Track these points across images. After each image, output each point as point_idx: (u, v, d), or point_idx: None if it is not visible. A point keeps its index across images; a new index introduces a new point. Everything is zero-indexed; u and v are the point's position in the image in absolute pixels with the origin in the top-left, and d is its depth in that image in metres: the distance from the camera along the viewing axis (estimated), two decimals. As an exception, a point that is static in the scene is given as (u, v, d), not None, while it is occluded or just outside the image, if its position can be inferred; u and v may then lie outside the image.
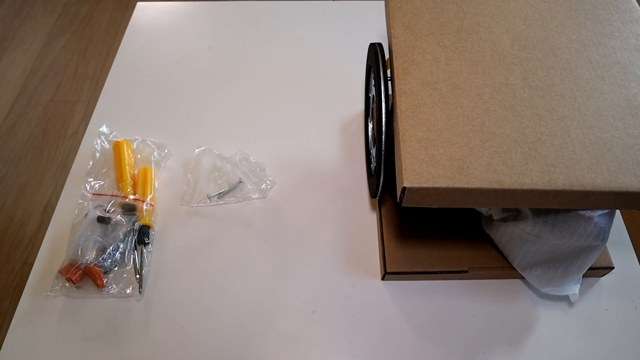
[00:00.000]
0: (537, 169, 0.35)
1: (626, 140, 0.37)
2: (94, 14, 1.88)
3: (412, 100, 0.39)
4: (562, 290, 0.47)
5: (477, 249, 0.50)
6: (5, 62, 1.71)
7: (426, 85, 0.40)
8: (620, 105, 0.39)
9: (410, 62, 0.42)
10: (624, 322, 0.48)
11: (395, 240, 0.50)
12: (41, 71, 1.68)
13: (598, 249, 0.43)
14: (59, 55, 1.73)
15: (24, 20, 1.85)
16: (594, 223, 0.40)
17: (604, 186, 0.35)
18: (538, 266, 0.47)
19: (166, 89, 0.69)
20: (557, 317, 0.48)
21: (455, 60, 0.42)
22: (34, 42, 1.77)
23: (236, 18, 0.79)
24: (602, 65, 0.42)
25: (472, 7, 0.46)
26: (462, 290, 0.50)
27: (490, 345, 0.47)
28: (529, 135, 0.37)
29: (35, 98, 1.61)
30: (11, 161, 1.45)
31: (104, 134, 0.62)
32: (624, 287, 0.50)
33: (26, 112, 1.57)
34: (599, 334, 0.47)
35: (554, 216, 0.41)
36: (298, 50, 0.74)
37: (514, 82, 0.40)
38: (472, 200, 0.36)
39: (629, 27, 0.45)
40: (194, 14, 0.80)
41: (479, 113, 0.38)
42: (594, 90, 0.40)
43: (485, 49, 0.43)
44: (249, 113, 0.66)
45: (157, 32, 0.77)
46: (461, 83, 0.40)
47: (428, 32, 0.44)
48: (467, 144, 0.37)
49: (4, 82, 1.65)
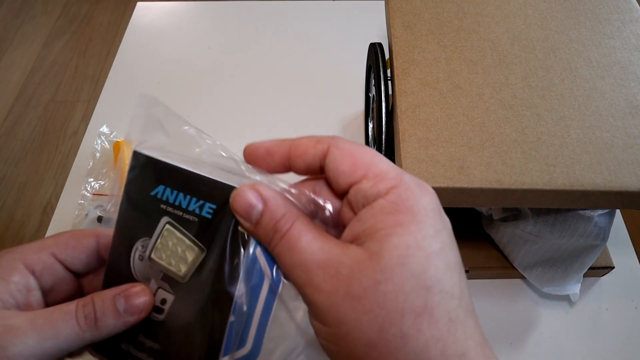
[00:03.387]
0: (537, 168, 0.35)
1: (626, 140, 0.37)
2: (94, 14, 1.88)
3: (412, 100, 0.39)
4: (562, 290, 0.47)
5: (477, 248, 0.50)
6: (5, 62, 1.71)
7: (426, 85, 0.40)
8: (620, 105, 0.39)
9: (410, 62, 0.42)
10: (624, 322, 0.48)
11: (396, 240, 0.50)
12: (41, 71, 1.68)
13: (598, 248, 0.43)
14: (59, 55, 1.74)
15: (24, 20, 1.85)
16: (594, 223, 0.40)
17: (604, 186, 0.35)
18: (539, 266, 0.47)
19: (166, 89, 0.69)
20: (558, 316, 0.48)
21: (455, 60, 0.42)
22: (34, 42, 1.77)
23: (236, 18, 0.79)
24: (602, 65, 0.42)
25: (472, 7, 0.46)
26: (462, 290, 0.50)
27: (490, 345, 0.47)
28: (529, 135, 0.37)
29: (35, 98, 1.61)
30: (11, 161, 1.46)
31: (104, 134, 0.62)
32: (624, 286, 0.50)
33: (26, 112, 1.57)
34: (599, 334, 0.47)
35: (554, 216, 0.41)
36: (298, 50, 0.74)
37: (514, 81, 0.40)
38: (472, 200, 0.36)
39: (629, 26, 0.45)
40: (194, 14, 0.80)
41: (479, 113, 0.38)
42: (593, 90, 0.40)
43: (485, 49, 0.43)
44: (249, 113, 0.66)
45: (157, 32, 0.77)
46: (461, 83, 0.40)
47: (428, 32, 0.44)
48: (467, 144, 0.37)
49: (4, 82, 1.65)
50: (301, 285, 0.23)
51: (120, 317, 0.26)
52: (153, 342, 0.29)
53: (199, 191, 0.27)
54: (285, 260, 0.23)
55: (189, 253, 0.28)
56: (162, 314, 0.28)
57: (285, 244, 0.23)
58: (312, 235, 0.23)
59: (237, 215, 0.25)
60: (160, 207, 0.28)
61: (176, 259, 0.28)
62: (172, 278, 0.28)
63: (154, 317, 0.29)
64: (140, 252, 0.29)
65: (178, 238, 0.28)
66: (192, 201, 0.28)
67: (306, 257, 0.23)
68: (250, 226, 0.25)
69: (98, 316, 0.26)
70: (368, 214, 0.23)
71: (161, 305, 0.28)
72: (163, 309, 0.28)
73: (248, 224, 0.25)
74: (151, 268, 0.28)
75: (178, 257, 0.28)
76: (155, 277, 0.28)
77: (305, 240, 0.23)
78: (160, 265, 0.28)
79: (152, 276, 0.28)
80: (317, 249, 0.23)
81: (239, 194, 0.25)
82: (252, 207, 0.24)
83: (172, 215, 0.28)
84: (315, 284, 0.22)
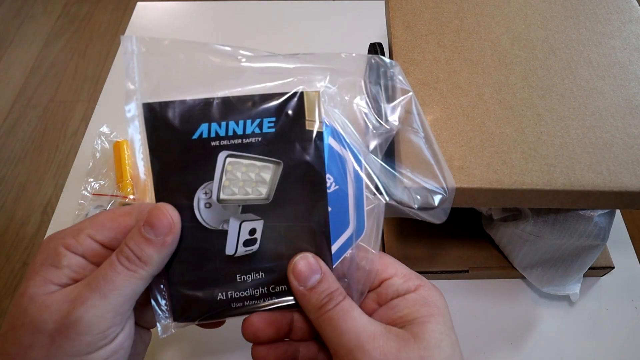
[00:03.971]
0: (537, 168, 0.35)
1: (626, 140, 0.37)
2: (94, 14, 1.88)
3: (412, 100, 0.39)
4: (563, 290, 0.47)
5: (477, 248, 0.50)
6: (5, 62, 1.71)
7: (426, 85, 0.40)
8: (620, 105, 0.39)
9: (410, 62, 0.42)
10: (624, 322, 0.48)
11: (395, 240, 0.50)
12: (41, 71, 1.68)
13: (598, 248, 0.43)
14: (59, 55, 1.74)
15: (24, 20, 1.85)
16: (594, 223, 0.40)
17: (604, 186, 0.35)
18: (539, 266, 0.47)
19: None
20: (558, 316, 0.48)
21: (455, 60, 0.42)
22: (34, 42, 1.77)
23: (236, 18, 0.79)
24: (602, 65, 0.42)
25: (472, 7, 0.46)
26: (462, 290, 0.50)
27: (490, 345, 0.47)
28: (529, 135, 0.37)
29: (35, 98, 1.61)
30: (11, 161, 1.46)
31: (104, 134, 0.62)
32: (624, 286, 0.50)
33: (26, 112, 1.57)
34: (599, 334, 0.47)
35: (554, 216, 0.41)
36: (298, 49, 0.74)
37: (514, 81, 0.40)
38: (472, 200, 0.36)
39: (629, 26, 0.45)
40: (194, 14, 0.80)
41: (479, 113, 0.38)
42: (593, 90, 0.40)
43: (485, 49, 0.43)
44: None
45: (157, 32, 0.77)
46: (461, 83, 0.40)
47: (428, 32, 0.44)
48: (467, 144, 0.37)
49: (4, 82, 1.65)
50: (350, 349, 0.26)
51: (155, 242, 0.26)
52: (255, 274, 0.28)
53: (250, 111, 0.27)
54: (337, 325, 0.27)
55: (264, 173, 0.27)
56: (255, 244, 0.28)
57: (339, 311, 0.27)
58: (360, 311, 0.28)
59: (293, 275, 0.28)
60: (211, 144, 0.27)
61: (252, 185, 0.27)
62: (254, 205, 0.27)
63: (248, 251, 0.28)
64: (204, 200, 0.27)
65: (246, 165, 0.27)
66: (247, 123, 0.27)
67: (357, 325, 0.27)
68: (303, 289, 0.28)
69: (136, 253, 0.26)
70: (402, 304, 0.29)
71: (251, 235, 0.28)
72: (255, 239, 0.28)
73: (301, 288, 0.28)
74: (225, 208, 0.27)
75: (254, 182, 0.27)
76: (234, 214, 0.27)
77: (357, 312, 0.27)
78: (235, 200, 0.27)
79: (229, 215, 0.27)
80: (367, 321, 0.27)
81: (304, 258, 0.28)
82: (313, 273, 0.28)
83: (229, 147, 0.27)
84: (366, 350, 0.26)
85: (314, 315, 0.28)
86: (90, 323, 0.24)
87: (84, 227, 0.27)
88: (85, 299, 0.25)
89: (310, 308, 0.28)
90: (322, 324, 0.28)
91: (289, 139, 0.27)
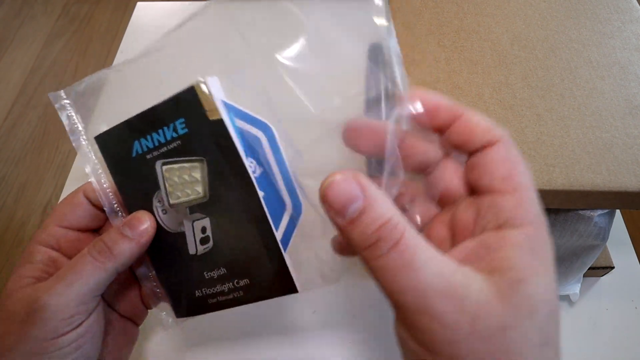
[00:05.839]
0: (537, 168, 0.35)
1: (626, 140, 0.37)
2: (94, 14, 1.88)
3: (412, 100, 0.39)
4: (562, 290, 0.47)
5: (477, 248, 0.50)
6: (5, 62, 1.71)
7: (426, 85, 0.40)
8: (620, 105, 0.39)
9: (410, 62, 0.42)
10: (624, 322, 0.48)
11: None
12: (41, 71, 1.68)
13: (598, 248, 0.43)
14: (59, 55, 1.74)
15: (24, 20, 1.85)
16: (594, 223, 0.40)
17: (604, 186, 0.35)
18: (538, 266, 0.47)
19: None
20: (557, 316, 0.48)
21: (455, 60, 0.42)
22: (34, 42, 1.77)
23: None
24: (602, 65, 0.42)
25: (472, 7, 0.46)
26: (462, 290, 0.50)
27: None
28: (528, 135, 0.37)
29: (35, 98, 1.61)
30: (11, 161, 1.46)
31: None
32: (624, 286, 0.50)
33: (26, 112, 1.57)
34: (599, 334, 0.47)
35: (554, 216, 0.41)
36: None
37: (513, 81, 0.40)
38: (472, 200, 0.36)
39: (629, 27, 0.45)
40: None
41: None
42: (593, 90, 0.40)
43: (485, 49, 0.43)
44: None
45: (157, 32, 0.77)
46: (461, 83, 0.40)
47: (428, 32, 0.44)
48: (467, 144, 0.37)
49: (4, 82, 1.65)
50: (414, 312, 0.20)
51: (130, 239, 0.29)
52: (218, 270, 0.30)
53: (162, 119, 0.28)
54: (394, 278, 0.20)
55: (194, 172, 0.28)
56: (209, 242, 0.29)
57: (396, 259, 0.19)
58: (430, 254, 0.20)
59: (327, 205, 0.20)
60: (147, 158, 0.29)
61: (189, 186, 0.29)
62: (198, 204, 0.29)
63: (206, 249, 0.29)
64: (160, 207, 0.30)
65: (178, 169, 0.28)
66: (165, 130, 0.28)
67: (425, 281, 0.19)
68: (342, 222, 0.20)
69: (109, 245, 0.28)
70: (499, 243, 0.20)
71: (204, 234, 0.29)
72: (208, 236, 0.29)
73: (340, 219, 0.20)
74: (178, 212, 0.29)
75: (190, 184, 0.28)
76: (186, 216, 0.29)
77: (422, 259, 0.19)
78: (182, 202, 0.29)
79: (183, 218, 0.29)
80: (437, 273, 0.19)
81: (336, 182, 0.20)
82: (352, 199, 0.20)
83: (160, 156, 0.29)
84: (435, 314, 0.19)
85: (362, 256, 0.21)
86: (55, 309, 0.26)
87: (50, 220, 0.31)
88: (52, 287, 0.27)
89: (355, 247, 0.20)
90: (373, 273, 0.20)
91: (201, 134, 0.28)
